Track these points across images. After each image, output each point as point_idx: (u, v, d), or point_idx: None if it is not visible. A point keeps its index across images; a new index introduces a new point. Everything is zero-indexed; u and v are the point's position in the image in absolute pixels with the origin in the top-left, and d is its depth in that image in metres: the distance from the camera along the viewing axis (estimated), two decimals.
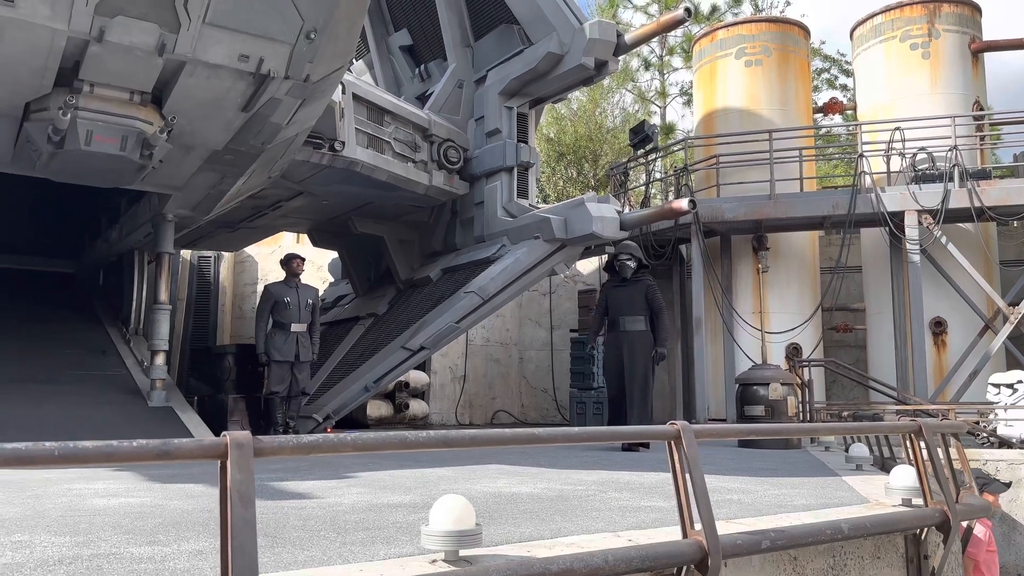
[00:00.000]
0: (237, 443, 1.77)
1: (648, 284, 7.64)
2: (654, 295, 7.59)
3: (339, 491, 4.25)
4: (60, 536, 2.86)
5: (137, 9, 5.45)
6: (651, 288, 7.62)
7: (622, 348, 7.50)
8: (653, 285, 7.66)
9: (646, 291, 7.58)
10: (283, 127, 6.90)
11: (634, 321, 7.51)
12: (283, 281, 8.53)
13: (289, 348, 8.12)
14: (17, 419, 6.94)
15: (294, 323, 8.15)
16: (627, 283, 7.67)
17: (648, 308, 7.55)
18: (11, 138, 6.54)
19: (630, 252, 7.71)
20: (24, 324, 9.57)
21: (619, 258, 7.74)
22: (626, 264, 7.67)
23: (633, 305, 7.54)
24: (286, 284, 8.44)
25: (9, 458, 1.64)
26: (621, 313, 7.58)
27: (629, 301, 7.56)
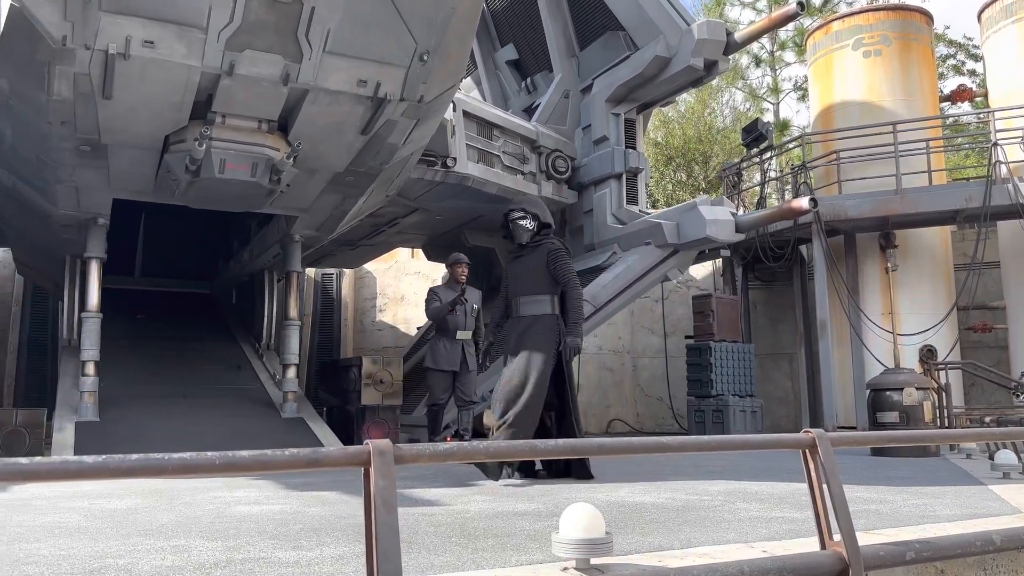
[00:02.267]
0: (379, 451, 1.85)
1: (550, 249, 5.56)
2: (557, 263, 5.50)
3: (465, 498, 4.34)
4: (212, 541, 3.05)
5: (263, 42, 5.78)
6: (553, 254, 5.53)
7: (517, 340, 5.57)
8: (558, 250, 5.57)
9: (547, 259, 5.52)
10: (399, 147, 7.14)
11: (532, 302, 5.55)
12: (447, 285, 7.85)
13: (454, 356, 7.36)
14: (164, 431, 7.46)
15: (460, 330, 7.38)
16: (525, 251, 5.72)
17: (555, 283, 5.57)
18: (153, 169, 7.06)
19: (523, 208, 5.73)
20: (168, 342, 10.28)
21: (509, 217, 5.77)
22: (519, 225, 5.68)
23: (530, 280, 5.57)
24: (451, 288, 7.69)
25: (177, 467, 1.78)
26: (517, 292, 5.65)
27: (525, 275, 5.62)
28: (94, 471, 1.70)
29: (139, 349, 9.64)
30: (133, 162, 6.90)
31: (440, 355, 7.37)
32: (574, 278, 5.56)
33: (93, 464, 1.69)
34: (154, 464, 1.75)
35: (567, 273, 5.52)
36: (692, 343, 11.90)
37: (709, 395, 11.28)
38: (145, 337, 10.15)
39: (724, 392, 11.24)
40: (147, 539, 3.09)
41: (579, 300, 5.54)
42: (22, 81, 6.03)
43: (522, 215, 5.70)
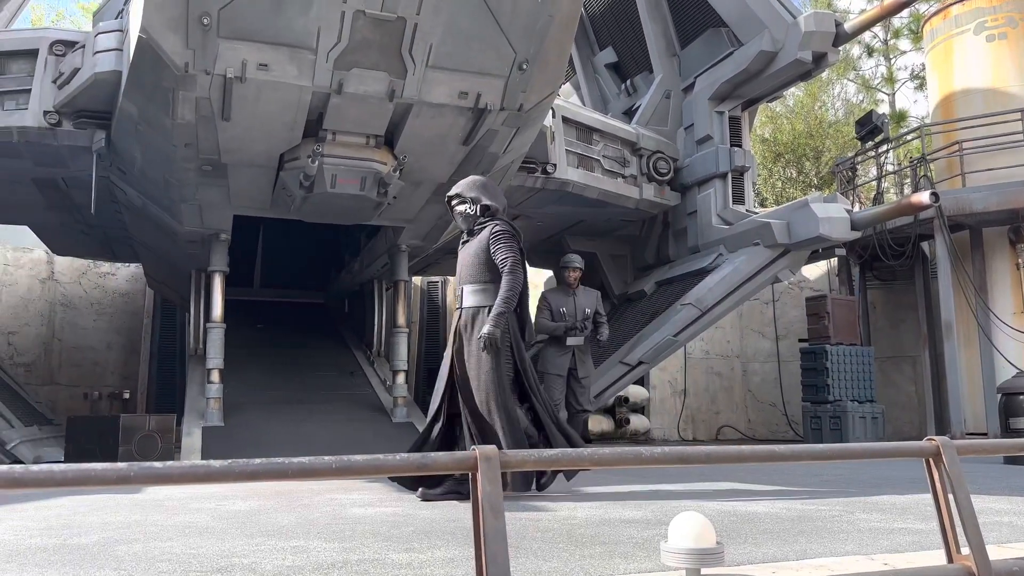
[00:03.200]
0: (486, 457, 1.89)
1: (491, 231, 4.86)
2: (496, 244, 4.80)
3: (571, 505, 4.34)
4: (329, 542, 3.17)
5: (369, 60, 5.98)
6: (494, 236, 4.83)
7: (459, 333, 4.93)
8: (499, 231, 4.83)
9: (488, 243, 4.85)
10: (500, 156, 7.23)
11: (474, 292, 4.90)
12: (557, 288, 7.58)
13: (563, 362, 7.12)
14: (284, 435, 7.81)
15: (569, 336, 7.11)
16: (472, 237, 5.03)
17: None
18: (270, 186, 7.42)
19: (459, 194, 5.03)
20: (286, 350, 10.76)
21: (450, 204, 5.14)
22: (457, 212, 5.06)
23: (473, 267, 4.91)
24: (562, 292, 7.40)
25: (297, 471, 1.87)
26: (461, 281, 5.01)
27: (468, 262, 4.96)
28: (221, 475, 1.80)
29: (260, 357, 10.13)
30: (251, 180, 7.28)
31: (549, 360, 7.18)
32: (513, 262, 4.77)
33: (220, 468, 1.80)
34: (275, 468, 1.85)
35: (505, 255, 4.77)
36: (806, 346, 11.48)
37: (826, 401, 10.84)
38: (265, 345, 10.66)
39: (842, 397, 10.78)
40: (269, 539, 3.25)
41: (510, 287, 4.72)
42: (149, 107, 6.47)
43: (459, 201, 5.02)
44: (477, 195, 4.98)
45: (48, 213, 9.97)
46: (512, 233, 4.90)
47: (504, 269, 4.77)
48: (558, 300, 7.29)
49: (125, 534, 3.41)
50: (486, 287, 4.84)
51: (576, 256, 7.49)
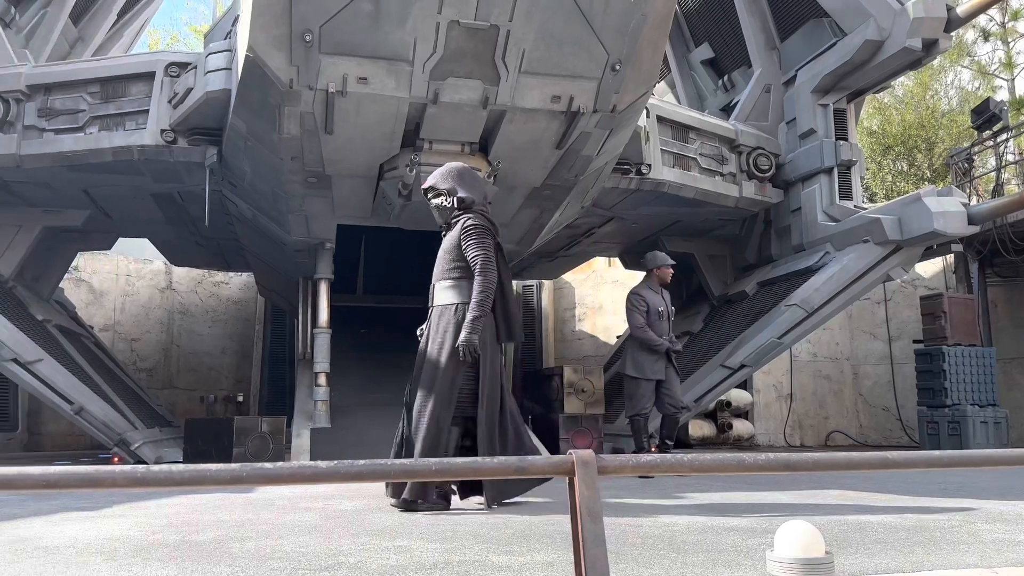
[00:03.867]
0: (583, 461, 1.88)
1: (463, 225, 4.55)
2: (468, 239, 4.50)
3: (672, 511, 4.27)
4: (431, 543, 3.23)
5: (463, 69, 6.07)
6: (465, 231, 4.53)
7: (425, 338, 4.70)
8: (470, 226, 4.52)
9: (459, 238, 4.55)
10: (594, 158, 7.20)
11: (441, 289, 4.65)
12: (648, 287, 7.12)
13: (658, 365, 6.81)
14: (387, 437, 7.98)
15: (665, 336, 6.86)
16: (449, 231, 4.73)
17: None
18: (371, 196, 7.63)
19: (433, 185, 4.74)
20: (388, 354, 11.01)
21: (427, 197, 4.84)
22: (433, 206, 4.78)
23: (443, 263, 4.66)
24: (653, 290, 7.03)
25: (398, 472, 1.92)
26: (434, 278, 4.76)
27: (441, 258, 4.71)
28: (327, 475, 1.87)
29: (364, 361, 10.41)
30: (353, 190, 7.51)
31: (643, 363, 6.84)
32: (484, 260, 4.43)
33: (326, 469, 1.87)
34: (379, 469, 1.90)
35: (475, 253, 4.43)
36: (922, 348, 10.91)
37: (943, 405, 10.26)
38: (368, 350, 10.95)
39: (960, 401, 10.18)
40: (374, 539, 3.34)
41: (483, 287, 4.41)
42: (257, 123, 6.78)
43: (435, 193, 4.73)
44: (452, 186, 4.68)
45: (166, 226, 10.59)
46: (485, 227, 4.57)
47: (475, 268, 4.44)
48: (656, 299, 6.97)
49: (238, 532, 3.57)
50: (457, 284, 4.55)
51: (666, 255, 7.36)
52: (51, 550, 3.09)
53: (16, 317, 8.33)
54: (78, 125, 8.07)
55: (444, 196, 4.69)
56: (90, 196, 9.17)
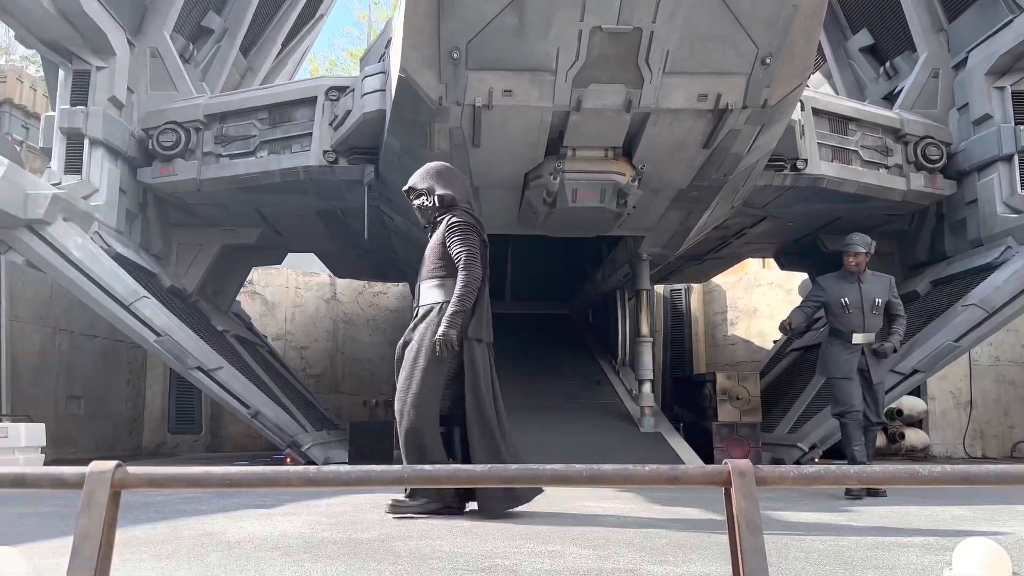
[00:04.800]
0: (739, 471, 1.82)
1: (448, 223, 4.53)
2: (451, 236, 4.48)
3: (838, 524, 4.05)
4: (584, 549, 3.24)
5: (606, 75, 6.06)
6: (449, 228, 4.51)
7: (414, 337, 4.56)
8: (454, 223, 4.50)
9: (444, 236, 4.52)
10: (743, 156, 6.97)
11: (427, 289, 4.59)
12: (838, 274, 6.39)
13: (851, 362, 5.96)
14: (537, 441, 8.08)
15: (856, 332, 5.99)
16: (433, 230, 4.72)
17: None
18: (516, 205, 7.77)
19: (413, 186, 4.75)
20: (536, 359, 11.16)
21: (409, 199, 4.84)
22: (416, 208, 4.79)
23: (429, 262, 4.61)
24: (843, 279, 6.27)
25: (549, 477, 1.94)
26: (419, 278, 4.71)
27: (426, 257, 4.67)
28: (483, 477, 1.92)
29: (512, 366, 10.60)
30: (499, 200, 7.67)
31: (833, 361, 6.06)
32: (468, 256, 4.40)
33: (480, 472, 1.92)
34: (530, 474, 1.93)
35: (459, 249, 4.41)
36: None
37: None
38: (516, 355, 11.13)
39: None
40: (528, 543, 3.38)
41: (464, 283, 4.36)
42: (410, 140, 7.07)
43: (415, 194, 4.74)
44: (431, 185, 4.66)
45: (330, 241, 11.26)
46: (469, 224, 4.53)
47: (459, 264, 4.39)
48: (837, 288, 6.16)
49: (401, 531, 3.73)
50: (443, 283, 4.49)
51: (860, 236, 6.36)
52: (232, 545, 3.36)
53: (199, 328, 9.11)
54: (250, 150, 8.76)
55: (424, 196, 4.69)
56: (262, 215, 9.90)
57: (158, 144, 8.85)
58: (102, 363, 11.91)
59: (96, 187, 8.53)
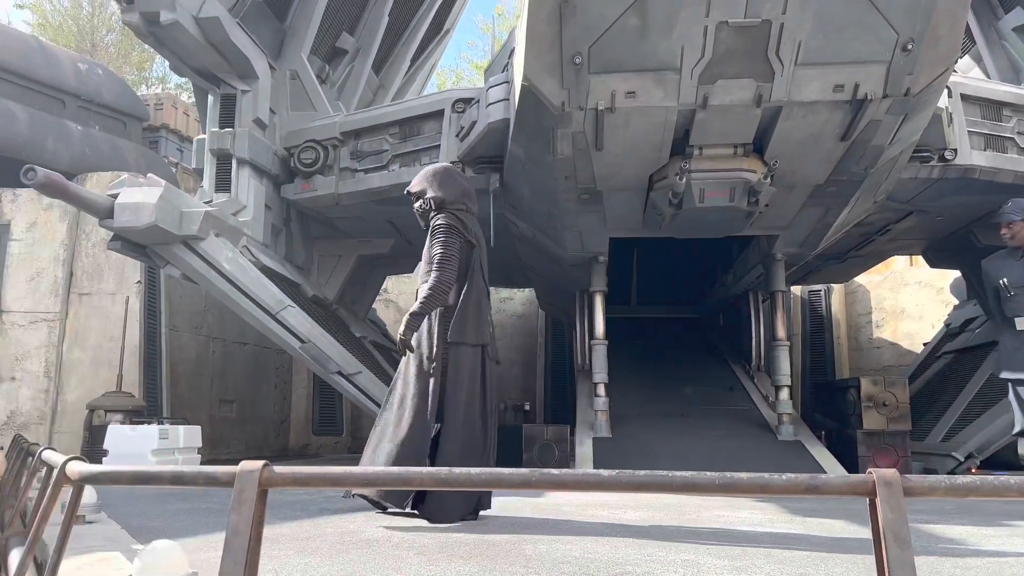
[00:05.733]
0: (885, 481, 1.72)
1: (432, 225, 4.58)
2: (432, 238, 4.52)
3: (998, 540, 3.74)
4: (719, 559, 3.14)
5: (733, 70, 5.89)
6: (432, 230, 4.56)
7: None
8: (436, 224, 4.54)
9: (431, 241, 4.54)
10: (885, 148, 6.58)
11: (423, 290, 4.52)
12: (1004, 252, 5.70)
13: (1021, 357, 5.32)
14: (668, 448, 7.95)
15: (1019, 316, 5.35)
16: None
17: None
18: (641, 207, 7.67)
19: (409, 191, 4.85)
20: (664, 365, 10.98)
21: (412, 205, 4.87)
22: (416, 213, 4.83)
23: (423, 264, 4.61)
24: (1010, 256, 5.61)
25: (680, 485, 1.89)
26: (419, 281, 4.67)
27: (422, 259, 4.64)
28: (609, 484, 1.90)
29: (641, 372, 10.47)
30: (624, 203, 7.61)
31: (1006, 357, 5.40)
32: (441, 257, 4.38)
33: (608, 478, 1.90)
34: (660, 480, 1.89)
35: (437, 249, 4.41)
36: None
37: None
38: (644, 360, 11.00)
39: None
40: (659, 551, 3.33)
41: (433, 286, 4.33)
42: (533, 147, 7.13)
43: (414, 199, 4.79)
44: (423, 188, 4.70)
45: None
46: (451, 225, 4.49)
47: (432, 266, 4.38)
48: (999, 268, 5.50)
49: (530, 535, 3.76)
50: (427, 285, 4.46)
51: (1014, 203, 5.67)
52: (371, 543, 3.49)
53: (340, 335, 9.54)
54: (383, 164, 9.12)
55: (421, 200, 4.71)
56: (394, 226, 10.27)
57: (299, 161, 9.37)
58: (252, 369, 12.71)
59: (244, 204, 9.12)
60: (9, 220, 11.00)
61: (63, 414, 10.63)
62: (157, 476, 2.34)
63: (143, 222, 7.66)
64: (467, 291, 4.49)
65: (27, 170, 6.66)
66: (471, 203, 4.82)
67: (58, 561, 2.34)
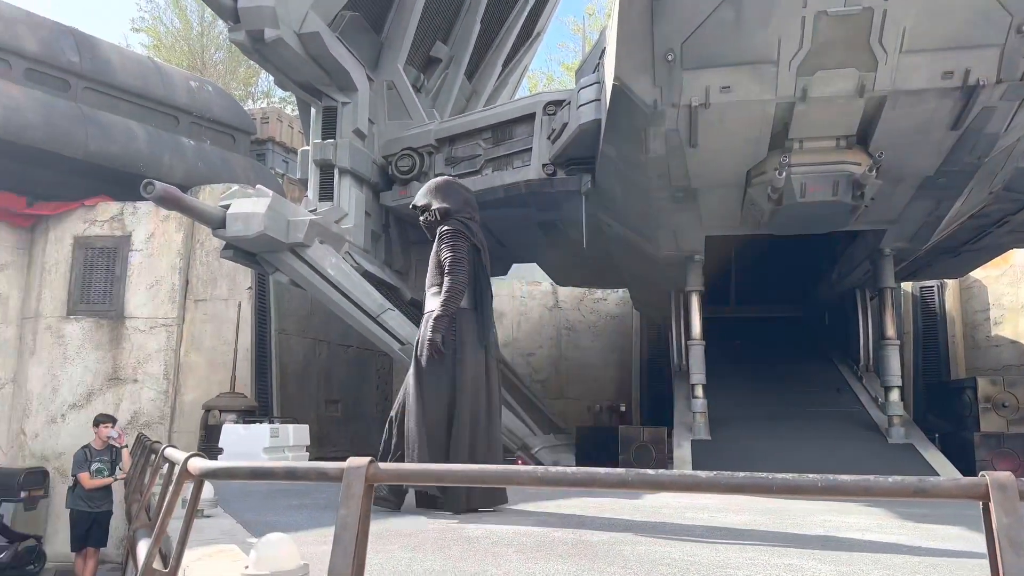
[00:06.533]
0: (999, 484, 1.65)
1: (439, 232, 4.86)
2: (441, 244, 4.78)
3: None
4: (824, 564, 3.06)
5: (834, 60, 5.70)
6: (439, 238, 4.82)
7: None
8: (444, 231, 4.81)
9: (437, 242, 4.85)
10: (1000, 136, 6.23)
11: (429, 297, 4.86)
12: None
13: None
14: (770, 452, 7.74)
15: None
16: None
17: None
18: (738, 204, 7.51)
19: (415, 204, 5.17)
20: (765, 365, 10.68)
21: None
22: (423, 223, 5.11)
23: (429, 271, 4.92)
24: None
25: (781, 487, 1.87)
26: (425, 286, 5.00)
27: (430, 267, 4.93)
28: (707, 485, 1.89)
29: (740, 372, 10.24)
30: (720, 200, 7.47)
31: None
32: (453, 262, 4.66)
33: (706, 479, 1.89)
34: (760, 482, 1.87)
35: (447, 254, 4.69)
36: None
37: None
38: (744, 361, 10.74)
39: None
40: (762, 554, 3.26)
41: (450, 289, 4.62)
42: (625, 147, 7.10)
43: (419, 212, 5.12)
44: (429, 201, 5.00)
45: (550, 251, 11.57)
46: (458, 231, 4.77)
47: (445, 271, 4.65)
48: None
49: (628, 535, 3.75)
50: (440, 290, 4.72)
51: None
52: (471, 539, 3.56)
53: None
54: (476, 168, 9.26)
55: (427, 212, 5.02)
56: (488, 228, 10.38)
57: (396, 169, 9.63)
58: (355, 370, 13.13)
59: (346, 211, 9.44)
60: (130, 232, 11.76)
61: (181, 414, 11.28)
62: (272, 472, 2.48)
63: (253, 231, 8.05)
64: (473, 294, 4.76)
65: (146, 184, 7.11)
66: (474, 211, 5.17)
67: (182, 552, 2.51)
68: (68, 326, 11.48)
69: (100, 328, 11.45)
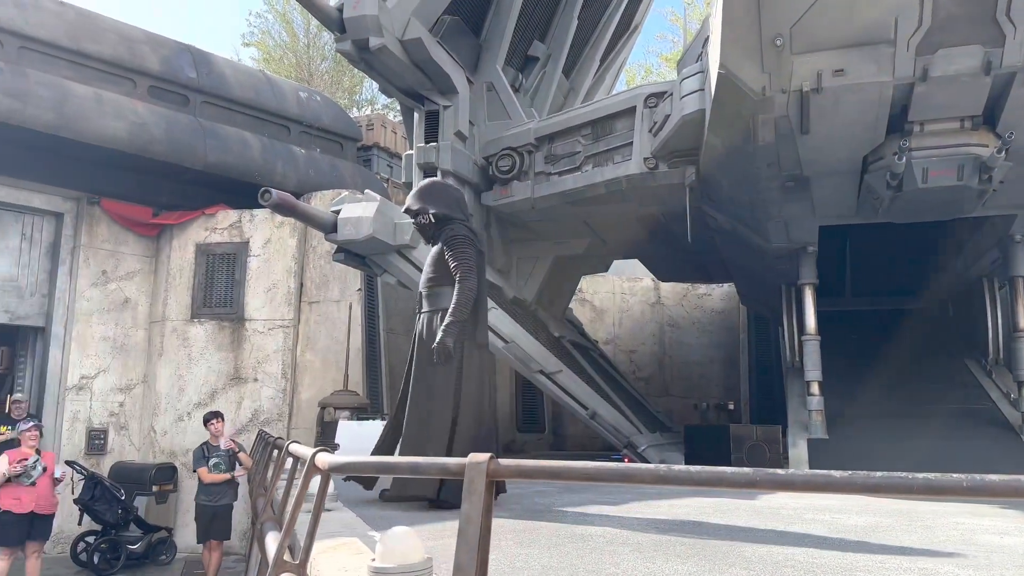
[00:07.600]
0: None
1: (446, 236, 4.93)
2: (452, 248, 4.85)
3: None
4: (961, 569, 2.89)
5: (956, 36, 5.39)
6: (449, 240, 4.89)
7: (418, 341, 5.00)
8: (452, 236, 4.89)
9: (443, 247, 4.92)
10: None
11: (433, 295, 4.98)
12: None
13: None
14: (893, 451, 7.38)
15: None
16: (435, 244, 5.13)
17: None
18: (854, 192, 7.19)
19: (408, 208, 5.20)
20: (884, 361, 10.17)
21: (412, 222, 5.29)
22: (417, 227, 5.19)
23: (432, 271, 5.01)
24: None
25: (922, 487, 1.77)
26: (421, 286, 5.13)
27: (428, 267, 5.07)
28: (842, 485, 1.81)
29: (858, 368, 9.80)
30: (834, 189, 7.18)
31: None
32: (465, 269, 4.77)
33: (840, 479, 1.81)
34: (899, 482, 1.78)
35: (460, 259, 4.80)
36: None
37: None
38: (862, 356, 10.27)
39: None
40: (892, 557, 3.11)
41: (464, 294, 4.73)
42: (732, 136, 6.91)
43: (412, 216, 5.17)
44: (422, 206, 5.06)
45: (651, 246, 11.41)
46: (466, 237, 4.89)
47: (456, 276, 4.74)
48: None
49: (749, 536, 3.65)
50: (442, 291, 4.88)
51: None
52: (585, 538, 3.55)
53: (539, 335, 9.78)
54: (576, 165, 9.22)
55: (421, 216, 5.10)
56: (589, 226, 10.36)
57: (497, 169, 9.71)
58: None
59: None
60: (248, 238, 12.34)
61: (298, 411, 11.76)
62: (396, 466, 2.55)
63: (363, 234, 8.29)
64: (479, 296, 4.90)
65: (263, 192, 7.44)
66: (466, 210, 5.27)
67: (311, 545, 2.60)
68: (192, 329, 12.15)
69: (222, 330, 12.07)
